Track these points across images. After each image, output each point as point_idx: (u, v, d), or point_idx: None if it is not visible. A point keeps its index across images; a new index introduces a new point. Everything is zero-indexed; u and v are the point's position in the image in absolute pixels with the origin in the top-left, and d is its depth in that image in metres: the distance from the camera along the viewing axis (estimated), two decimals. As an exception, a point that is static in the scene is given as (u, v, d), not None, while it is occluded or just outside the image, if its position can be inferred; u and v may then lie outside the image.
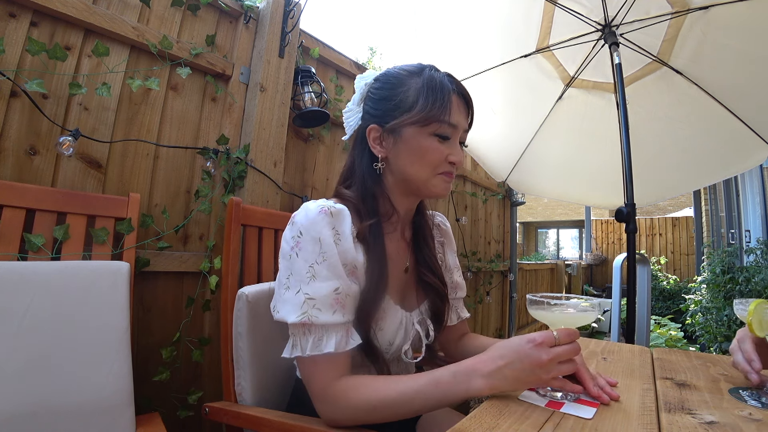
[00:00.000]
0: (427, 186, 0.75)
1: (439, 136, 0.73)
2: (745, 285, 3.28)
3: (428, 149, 0.73)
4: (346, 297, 0.67)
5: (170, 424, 1.03)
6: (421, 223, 0.87)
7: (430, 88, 0.73)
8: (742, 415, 0.53)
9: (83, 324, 0.77)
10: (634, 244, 1.46)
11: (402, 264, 0.82)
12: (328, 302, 0.65)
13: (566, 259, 6.97)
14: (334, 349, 0.63)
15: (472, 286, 2.69)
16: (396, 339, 0.76)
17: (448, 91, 0.73)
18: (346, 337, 0.66)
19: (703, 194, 5.05)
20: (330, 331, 0.65)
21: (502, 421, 0.50)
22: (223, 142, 1.23)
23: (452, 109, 0.73)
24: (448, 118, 0.72)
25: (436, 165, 0.74)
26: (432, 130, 0.72)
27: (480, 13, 1.81)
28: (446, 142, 0.74)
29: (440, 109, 0.72)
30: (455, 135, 0.75)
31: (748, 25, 1.55)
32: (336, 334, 0.65)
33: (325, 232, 0.67)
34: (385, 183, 0.78)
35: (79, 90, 0.95)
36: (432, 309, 0.84)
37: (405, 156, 0.74)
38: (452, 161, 0.75)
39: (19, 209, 0.82)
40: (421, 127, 0.72)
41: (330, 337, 0.64)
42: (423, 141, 0.73)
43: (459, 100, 0.75)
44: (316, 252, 0.66)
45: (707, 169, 2.19)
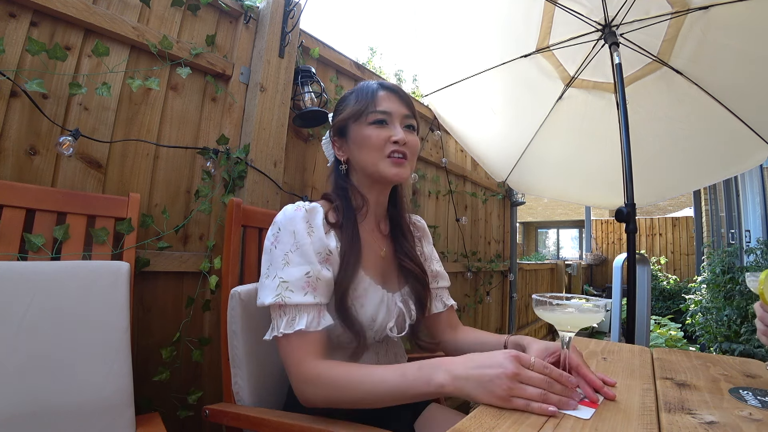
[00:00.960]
0: (378, 170, 0.85)
1: (375, 122, 0.85)
2: (745, 285, 3.27)
3: (368, 136, 0.84)
4: (317, 280, 0.74)
5: (170, 424, 1.03)
6: (397, 217, 0.97)
7: (357, 91, 0.89)
8: (742, 415, 0.53)
9: (83, 324, 0.77)
10: (634, 244, 1.46)
11: (378, 249, 0.91)
12: (300, 285, 0.72)
13: (566, 259, 6.97)
14: (305, 327, 0.70)
15: (472, 286, 2.69)
16: (378, 315, 0.82)
17: (373, 88, 0.88)
18: (317, 318, 0.73)
19: (703, 194, 5.05)
20: (302, 311, 0.72)
21: (502, 422, 0.50)
22: (223, 142, 1.23)
23: (378, 99, 0.86)
24: (375, 106, 0.85)
25: (380, 147, 0.84)
26: (367, 120, 0.85)
27: (480, 13, 1.81)
28: (385, 127, 0.85)
29: (366, 102, 0.85)
30: (391, 120, 0.86)
31: (748, 25, 1.55)
32: (307, 314, 0.72)
33: (299, 225, 0.76)
34: (353, 180, 0.91)
35: (79, 90, 0.95)
36: (414, 293, 0.92)
37: (355, 149, 0.87)
38: (395, 140, 0.84)
39: (19, 209, 0.82)
40: (357, 121, 0.86)
41: (302, 316, 0.71)
42: (363, 131, 0.85)
43: (386, 92, 0.88)
44: (291, 242, 0.75)
45: (707, 169, 2.19)
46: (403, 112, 0.88)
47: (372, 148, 0.84)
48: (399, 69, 5.59)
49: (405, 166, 0.86)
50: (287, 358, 0.72)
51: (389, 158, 0.84)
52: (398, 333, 0.86)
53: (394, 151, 0.84)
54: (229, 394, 0.89)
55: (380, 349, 0.90)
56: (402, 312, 0.88)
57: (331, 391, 0.68)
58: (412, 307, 0.90)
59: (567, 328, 0.62)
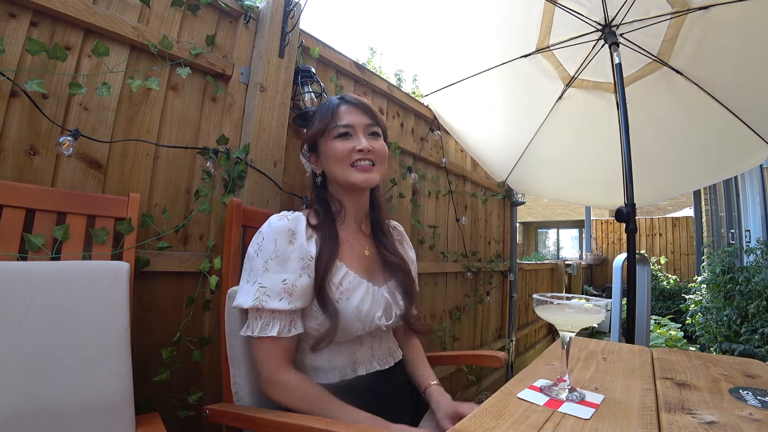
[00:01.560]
0: (348, 179, 0.92)
1: (339, 136, 0.92)
2: (745, 285, 3.27)
3: (334, 149, 0.92)
4: (293, 287, 0.80)
5: (170, 424, 1.03)
6: (377, 219, 1.03)
7: (320, 109, 0.98)
8: (742, 415, 0.53)
9: (83, 324, 0.77)
10: (634, 244, 1.46)
11: (362, 249, 0.97)
12: (277, 290, 0.79)
13: (566, 259, 6.96)
14: (277, 334, 0.79)
15: (472, 286, 2.69)
16: (364, 305, 0.87)
17: (334, 104, 0.95)
18: (289, 326, 0.81)
19: (703, 194, 5.05)
20: (275, 318, 0.80)
21: (502, 422, 0.50)
22: (223, 142, 1.23)
23: (340, 114, 0.93)
24: (337, 120, 0.93)
25: (345, 158, 0.91)
26: (332, 135, 0.93)
27: (480, 14, 1.81)
28: (349, 139, 0.92)
29: (328, 118, 0.93)
30: (354, 131, 0.93)
31: (748, 25, 1.55)
32: (280, 321, 0.80)
33: (281, 235, 0.83)
34: (330, 189, 0.99)
35: (79, 90, 0.95)
36: (400, 285, 0.98)
37: (326, 162, 0.95)
38: (359, 149, 0.91)
39: (19, 209, 0.81)
40: (324, 137, 0.94)
41: (275, 323, 0.79)
42: (330, 145, 0.93)
43: (347, 106, 0.95)
44: (272, 250, 0.82)
45: (707, 169, 2.19)
46: (365, 122, 0.95)
47: (339, 160, 0.92)
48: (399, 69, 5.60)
49: (373, 172, 0.93)
50: (259, 359, 0.82)
51: (353, 167, 0.92)
52: (386, 321, 0.91)
53: (359, 159, 0.92)
54: (229, 394, 0.89)
55: (374, 343, 0.95)
56: (389, 302, 0.93)
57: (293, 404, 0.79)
58: (399, 298, 0.96)
59: (567, 328, 0.62)
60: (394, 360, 0.98)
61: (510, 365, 3.15)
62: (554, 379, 0.64)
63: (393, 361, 0.98)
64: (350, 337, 0.88)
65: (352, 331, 0.86)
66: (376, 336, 0.95)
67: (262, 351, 0.80)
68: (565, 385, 0.60)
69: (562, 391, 0.59)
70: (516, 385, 0.63)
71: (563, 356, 0.61)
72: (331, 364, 0.88)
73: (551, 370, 0.71)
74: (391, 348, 1.00)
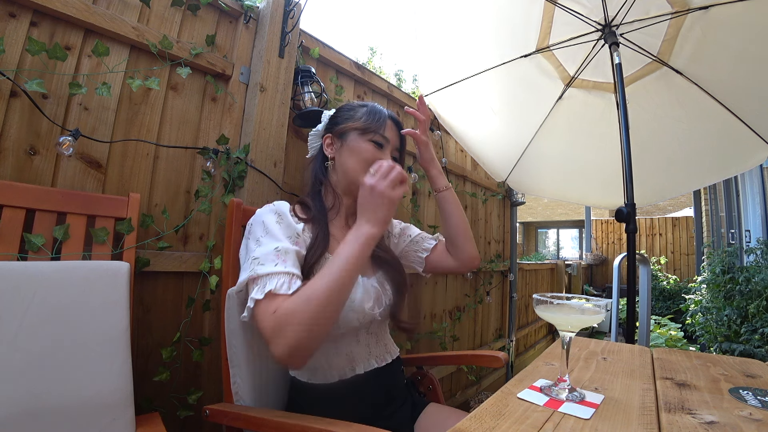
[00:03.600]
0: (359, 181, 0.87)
1: (375, 142, 0.95)
2: (745, 285, 3.27)
3: (365, 149, 0.94)
4: (286, 253, 0.78)
5: (170, 424, 1.03)
6: None
7: (371, 110, 0.99)
8: (742, 415, 0.53)
9: (83, 324, 0.77)
10: (634, 244, 1.46)
11: None
12: (270, 258, 0.76)
13: (566, 259, 6.96)
14: (275, 288, 0.71)
15: (472, 286, 2.69)
16: (356, 296, 0.87)
17: (385, 115, 0.98)
18: (288, 282, 0.74)
19: (703, 194, 5.05)
20: (271, 278, 0.74)
21: (502, 422, 0.50)
22: (223, 142, 1.23)
23: (386, 126, 0.97)
24: (383, 131, 0.96)
25: (368, 163, 0.91)
26: (369, 137, 0.95)
27: (480, 13, 1.81)
28: (380, 150, 0.95)
29: (377, 123, 0.96)
30: (387, 147, 0.96)
31: (748, 25, 1.54)
32: (277, 278, 0.73)
33: (269, 217, 0.84)
34: (331, 179, 1.00)
35: (79, 90, 0.95)
36: (388, 276, 0.98)
37: (347, 155, 0.95)
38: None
39: (19, 209, 0.81)
40: (361, 134, 0.95)
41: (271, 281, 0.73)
42: (362, 144, 0.95)
43: (392, 123, 0.99)
44: (261, 230, 0.82)
45: (707, 169, 2.19)
46: (396, 143, 1.00)
47: (362, 161, 0.93)
48: (399, 69, 5.59)
49: None
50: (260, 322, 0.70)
51: None
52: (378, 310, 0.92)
53: None
54: (229, 394, 0.89)
55: (371, 340, 0.95)
56: (378, 291, 0.93)
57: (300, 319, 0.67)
58: (388, 289, 0.96)
59: (567, 328, 0.62)
60: (391, 357, 0.99)
61: (510, 365, 3.15)
62: (554, 379, 0.64)
63: (390, 358, 0.99)
64: (346, 330, 0.88)
65: (346, 322, 0.86)
66: (372, 332, 0.96)
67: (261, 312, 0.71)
68: (565, 385, 0.60)
69: (562, 391, 0.59)
70: (516, 385, 0.63)
71: (563, 356, 0.62)
72: (329, 363, 0.88)
73: (551, 370, 0.71)
74: (388, 345, 1.01)
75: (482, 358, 1.17)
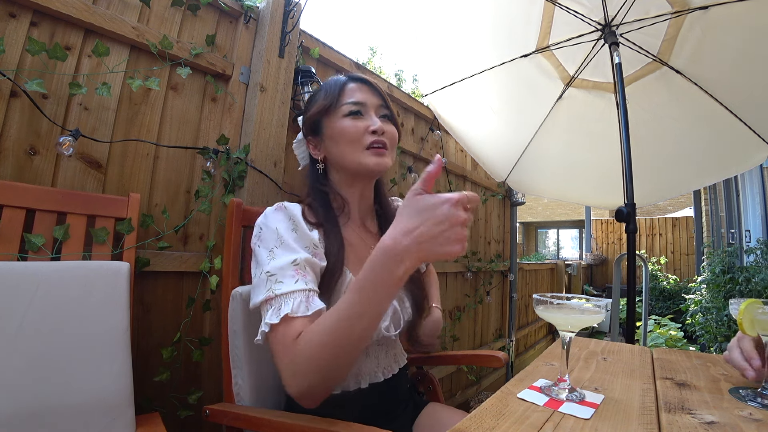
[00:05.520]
0: (359, 163, 0.82)
1: (350, 114, 0.82)
2: (745, 285, 3.27)
3: (345, 127, 0.82)
4: (306, 266, 0.70)
5: (170, 424, 1.03)
6: (385, 215, 0.94)
7: (325, 86, 0.87)
8: (742, 415, 0.53)
9: (83, 324, 0.77)
10: (634, 244, 1.46)
11: (367, 249, 0.86)
12: (288, 273, 0.68)
13: (566, 259, 6.96)
14: (291, 311, 0.64)
15: (472, 286, 2.69)
16: None
17: (341, 81, 0.86)
18: (306, 302, 0.66)
19: (703, 194, 5.05)
20: (288, 298, 0.66)
21: (502, 422, 0.50)
22: (223, 142, 1.23)
23: (349, 91, 0.84)
24: (348, 98, 0.83)
25: (357, 138, 0.81)
26: (341, 113, 0.83)
27: (480, 13, 1.81)
28: (360, 118, 0.83)
29: (335, 95, 0.83)
30: (366, 110, 0.84)
31: (747, 25, 1.55)
32: (294, 299, 0.65)
33: (282, 223, 0.75)
34: (332, 180, 0.89)
35: (79, 90, 0.95)
36: (409, 293, 0.89)
37: (332, 144, 0.84)
38: (373, 129, 0.82)
39: (19, 209, 0.81)
40: (329, 115, 0.84)
41: (287, 302, 0.65)
42: (338, 124, 0.83)
43: (356, 84, 0.86)
44: (274, 239, 0.73)
45: (707, 169, 2.19)
46: (377, 102, 0.86)
47: (350, 141, 0.81)
48: (399, 69, 5.60)
49: (386, 156, 0.83)
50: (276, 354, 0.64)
51: (369, 149, 0.81)
52: (394, 330, 0.84)
53: (374, 141, 0.81)
54: (230, 394, 0.89)
55: (380, 352, 0.88)
56: (396, 310, 0.85)
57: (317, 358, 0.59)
58: (407, 305, 0.89)
59: (567, 328, 0.62)
60: (399, 366, 0.93)
61: (510, 365, 3.15)
62: (554, 379, 0.64)
63: (397, 368, 0.92)
64: None
65: None
66: (383, 344, 0.89)
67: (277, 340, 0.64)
68: (565, 385, 0.60)
69: (562, 391, 0.59)
70: (516, 385, 0.63)
71: (563, 356, 0.61)
72: None
73: (551, 370, 0.71)
74: (397, 355, 0.94)
75: (482, 358, 1.17)
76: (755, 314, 0.60)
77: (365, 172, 0.84)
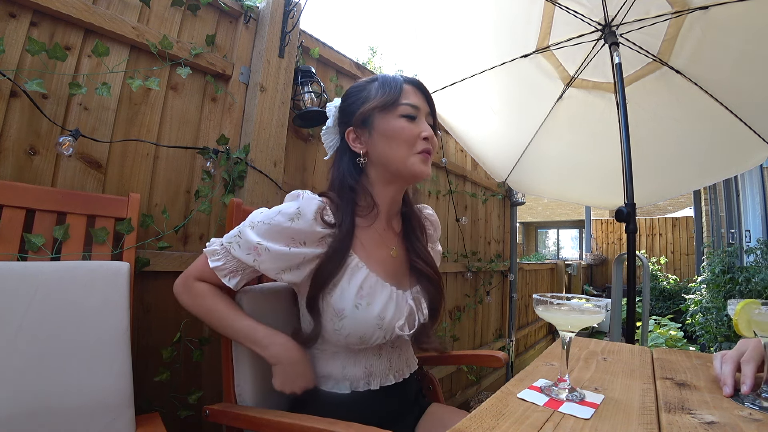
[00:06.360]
0: (407, 166, 0.82)
1: (406, 116, 0.82)
2: (745, 285, 3.27)
3: (401, 128, 0.81)
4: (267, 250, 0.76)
5: (170, 424, 1.03)
6: (410, 216, 0.95)
7: (383, 82, 0.85)
8: (742, 415, 0.53)
9: (83, 324, 0.77)
10: (634, 244, 1.46)
11: (388, 248, 0.88)
12: (249, 246, 0.76)
13: (566, 259, 6.96)
14: (219, 265, 0.79)
15: (472, 286, 2.69)
16: (387, 313, 0.80)
17: (400, 81, 0.85)
18: (234, 275, 0.80)
19: (703, 194, 5.05)
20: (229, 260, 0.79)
21: (502, 422, 0.50)
22: (223, 142, 1.23)
23: (406, 92, 0.83)
24: (405, 99, 0.82)
25: (412, 142, 0.82)
26: (397, 113, 0.82)
27: (480, 13, 1.81)
28: (414, 122, 0.83)
29: (396, 94, 0.82)
30: (419, 115, 0.84)
31: (748, 25, 1.54)
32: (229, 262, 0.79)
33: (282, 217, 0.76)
34: (368, 177, 0.87)
35: (79, 90, 0.95)
36: (426, 294, 0.89)
37: (382, 142, 0.83)
38: (425, 136, 0.82)
39: (19, 209, 0.81)
40: (386, 112, 0.82)
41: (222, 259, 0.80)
42: (394, 123, 0.82)
43: (411, 87, 0.85)
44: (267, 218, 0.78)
45: (707, 169, 2.19)
46: (427, 109, 0.86)
47: (403, 143, 0.81)
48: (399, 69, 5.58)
49: (429, 164, 0.85)
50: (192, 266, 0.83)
51: (419, 154, 0.82)
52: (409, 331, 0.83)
53: (425, 149, 0.82)
54: (230, 394, 0.89)
55: (393, 355, 0.88)
56: (413, 310, 0.84)
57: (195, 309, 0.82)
58: (424, 307, 0.87)
59: (567, 328, 0.62)
60: (410, 371, 0.92)
61: (510, 365, 3.15)
62: (554, 379, 0.64)
63: (408, 372, 0.92)
64: (368, 346, 0.80)
65: (371, 340, 0.79)
66: (396, 346, 0.88)
67: (199, 262, 0.82)
68: (565, 385, 0.60)
69: (562, 391, 0.59)
70: (516, 385, 0.63)
71: (563, 356, 0.61)
72: (344, 374, 0.82)
73: (551, 370, 0.71)
74: (409, 359, 0.93)
75: (482, 358, 1.16)
76: (752, 315, 0.60)
77: (410, 175, 0.84)
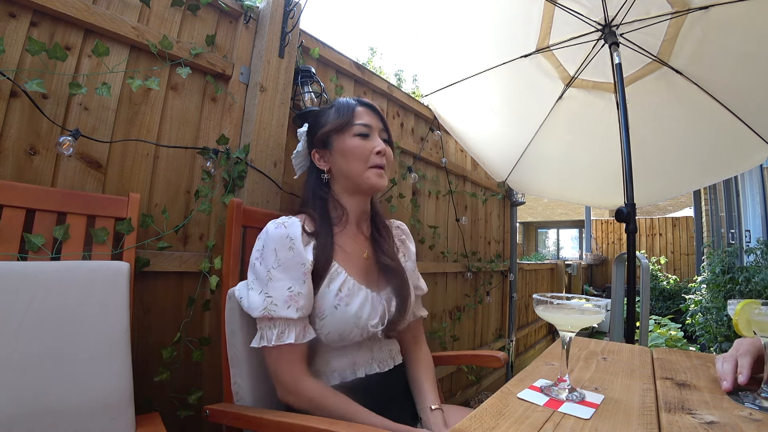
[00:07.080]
0: (363, 180, 0.93)
1: (360, 135, 0.94)
2: (745, 285, 3.27)
3: (355, 146, 0.93)
4: (299, 294, 0.81)
5: (170, 424, 1.03)
6: (377, 221, 1.04)
7: (338, 107, 0.98)
8: (742, 415, 0.53)
9: (83, 324, 0.77)
10: (634, 244, 1.46)
11: (361, 252, 0.97)
12: (283, 299, 0.80)
13: (566, 259, 6.96)
14: (294, 340, 0.79)
15: (472, 286, 2.69)
16: (363, 313, 0.88)
17: (353, 104, 0.97)
18: (303, 332, 0.82)
19: (703, 194, 5.05)
20: (291, 326, 0.80)
21: (503, 422, 0.50)
22: (223, 142, 1.23)
23: (359, 114, 0.96)
24: (358, 120, 0.95)
25: (365, 158, 0.93)
26: (352, 132, 0.94)
27: (480, 13, 1.81)
28: (367, 139, 0.94)
29: (349, 115, 0.95)
30: (372, 132, 0.96)
31: (748, 25, 1.55)
32: (295, 328, 0.81)
33: (281, 243, 0.84)
34: (333, 190, 0.98)
35: (79, 90, 0.95)
36: (395, 291, 0.96)
37: (341, 159, 0.94)
38: (378, 150, 0.94)
39: (19, 209, 0.81)
40: (342, 133, 0.94)
41: (290, 331, 0.80)
42: (348, 142, 0.94)
43: (363, 108, 0.97)
44: (273, 259, 0.83)
45: (707, 169, 2.19)
46: (380, 126, 0.97)
47: (358, 159, 0.93)
48: (399, 69, 5.60)
49: (384, 177, 0.96)
50: (278, 369, 0.82)
51: (372, 168, 0.93)
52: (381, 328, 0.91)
53: (377, 163, 0.93)
54: (230, 394, 0.89)
55: (374, 345, 0.95)
56: (385, 309, 0.93)
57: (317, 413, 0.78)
58: (393, 305, 0.95)
59: (567, 328, 0.62)
60: (395, 363, 0.99)
61: (510, 365, 3.15)
62: (554, 379, 0.64)
63: (393, 363, 0.98)
64: (347, 343, 0.88)
65: (349, 338, 0.87)
66: (375, 339, 0.95)
67: (282, 360, 0.81)
68: (565, 385, 0.60)
69: (562, 391, 0.59)
70: (516, 385, 0.63)
71: (563, 356, 0.62)
72: (330, 367, 0.88)
73: (551, 370, 0.71)
74: (392, 351, 1.00)
75: (482, 358, 1.17)
76: (752, 315, 0.60)
77: (367, 188, 0.95)
